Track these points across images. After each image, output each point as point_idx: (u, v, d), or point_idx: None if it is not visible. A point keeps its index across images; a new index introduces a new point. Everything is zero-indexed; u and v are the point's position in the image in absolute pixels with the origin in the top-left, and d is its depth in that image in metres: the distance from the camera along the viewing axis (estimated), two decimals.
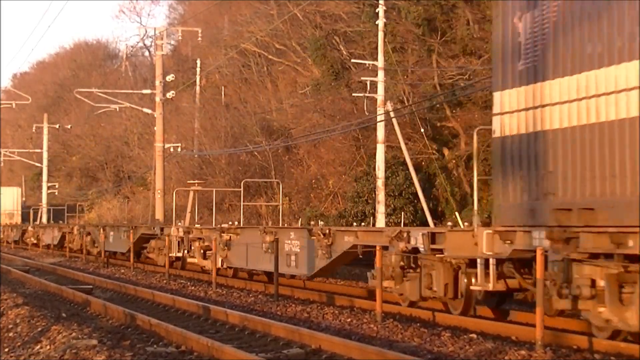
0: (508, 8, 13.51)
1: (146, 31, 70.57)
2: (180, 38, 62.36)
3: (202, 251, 25.32)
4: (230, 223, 25.94)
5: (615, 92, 11.31)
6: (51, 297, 19.87)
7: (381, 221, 31.74)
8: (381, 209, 32.14)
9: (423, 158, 36.18)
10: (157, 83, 41.14)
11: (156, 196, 40.43)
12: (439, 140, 37.03)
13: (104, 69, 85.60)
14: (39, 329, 13.72)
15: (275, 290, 19.19)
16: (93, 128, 73.80)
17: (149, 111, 42.62)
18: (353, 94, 36.63)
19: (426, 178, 35.71)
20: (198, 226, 27.08)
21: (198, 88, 58.07)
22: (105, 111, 51.01)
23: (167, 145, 42.68)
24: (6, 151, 68.62)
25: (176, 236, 26.94)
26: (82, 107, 69.58)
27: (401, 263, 15.61)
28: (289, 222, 37.88)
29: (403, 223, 32.59)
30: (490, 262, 13.71)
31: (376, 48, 33.67)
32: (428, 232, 15.06)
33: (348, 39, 42.45)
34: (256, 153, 46.35)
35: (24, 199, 73.19)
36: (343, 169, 39.57)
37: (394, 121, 32.73)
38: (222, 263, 24.07)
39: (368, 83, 32.68)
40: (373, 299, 15.68)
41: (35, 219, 61.82)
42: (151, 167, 46.14)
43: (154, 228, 29.89)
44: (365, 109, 32.60)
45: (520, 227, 12.98)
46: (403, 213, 33.74)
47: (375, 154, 33.17)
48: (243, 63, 54.25)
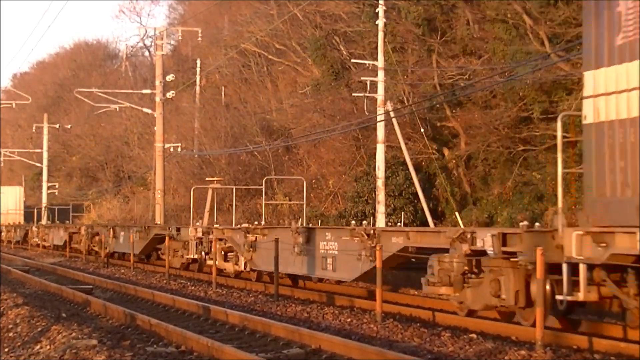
0: None
1: (146, 31, 70.61)
2: (180, 38, 62.41)
3: (223, 253, 24.05)
4: (256, 223, 24.35)
5: None
6: (51, 297, 19.85)
7: (381, 221, 31.75)
8: (381, 209, 32.15)
9: (423, 158, 36.19)
10: (157, 83, 41.16)
11: (156, 196, 40.42)
12: (439, 140, 37.03)
13: (104, 69, 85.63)
14: (39, 329, 13.72)
15: (275, 290, 19.17)
16: (93, 128, 73.81)
17: (149, 111, 42.64)
18: (353, 94, 36.62)
19: (426, 178, 35.71)
20: (217, 226, 25.61)
21: (198, 88, 58.09)
22: (105, 111, 51.04)
23: (167, 145, 42.68)
24: (6, 151, 68.59)
25: (194, 237, 25.55)
26: (82, 107, 69.61)
27: (465, 268, 14.26)
28: (289, 222, 37.81)
29: (403, 223, 32.58)
30: (580, 268, 12.09)
31: (376, 48, 33.66)
32: (499, 234, 13.67)
33: (348, 39, 42.45)
34: (256, 153, 46.35)
35: (24, 199, 72.90)
36: (343, 169, 39.57)
37: (394, 121, 32.72)
38: (245, 265, 22.82)
39: (368, 83, 32.67)
40: (373, 299, 15.67)
41: (39, 219, 60.61)
42: (151, 167, 46.15)
43: (169, 228, 28.44)
44: (365, 109, 32.59)
45: (621, 228, 11.33)
46: (403, 213, 33.75)
47: (375, 154, 33.16)
48: (243, 63, 54.26)
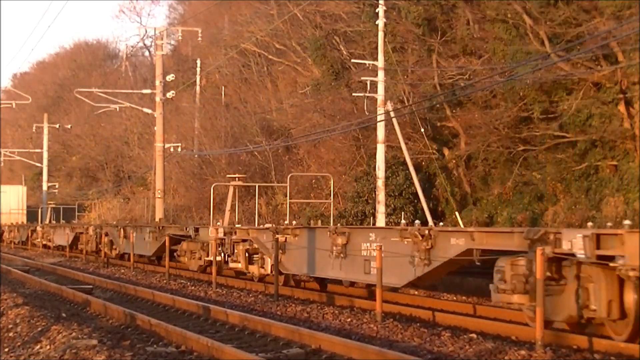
0: None
1: (146, 31, 70.85)
2: (180, 38, 62.46)
3: (247, 255, 22.58)
4: (287, 222, 22.73)
5: None
6: (51, 297, 19.85)
7: (381, 221, 31.74)
8: (381, 209, 32.15)
9: (423, 158, 36.18)
10: (157, 83, 41.15)
11: (156, 196, 40.41)
12: (439, 140, 37.02)
13: (104, 69, 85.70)
14: (39, 329, 13.71)
15: (275, 290, 19.17)
16: (93, 128, 73.83)
17: (149, 111, 42.63)
18: (353, 94, 36.60)
19: (426, 178, 35.71)
20: (239, 226, 24.32)
21: (198, 88, 58.11)
22: (105, 111, 51.02)
23: (167, 145, 42.69)
24: (6, 151, 68.60)
25: (215, 237, 24.08)
26: (82, 107, 69.64)
27: (547, 274, 12.44)
28: (289, 223, 37.79)
29: (402, 222, 32.53)
30: None
31: (376, 48, 33.65)
32: (593, 234, 11.82)
33: (348, 39, 42.44)
34: (256, 153, 46.34)
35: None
36: (343, 169, 39.56)
37: (394, 121, 32.71)
38: (272, 268, 21.24)
39: (368, 83, 32.65)
40: (373, 299, 15.67)
41: (43, 219, 59.72)
42: (151, 167, 46.13)
43: (187, 229, 26.97)
44: (365, 109, 32.57)
45: None
46: (403, 213, 33.74)
47: (375, 154, 33.15)
48: (243, 63, 54.27)
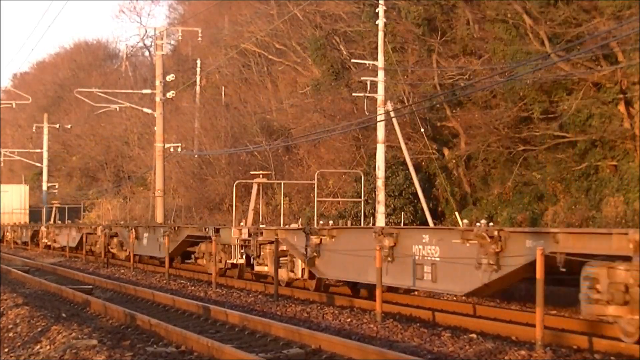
0: None
1: (146, 31, 70.89)
2: (180, 38, 62.49)
3: (275, 258, 21.15)
4: (322, 222, 21.06)
5: None
6: (51, 297, 19.85)
7: (381, 221, 31.74)
8: (381, 209, 32.15)
9: (423, 158, 36.18)
10: (157, 83, 41.17)
11: (156, 196, 40.41)
12: (439, 140, 37.03)
13: (104, 69, 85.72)
14: (39, 329, 13.71)
15: (275, 290, 19.16)
16: (93, 128, 73.86)
17: (149, 111, 42.65)
18: (353, 94, 36.60)
19: (426, 178, 35.71)
20: (264, 226, 22.97)
21: (198, 88, 58.12)
22: (105, 111, 51.06)
23: (167, 145, 42.69)
24: (6, 151, 68.59)
25: (238, 238, 22.67)
26: (82, 107, 69.65)
27: None
28: (289, 222, 37.84)
29: (403, 223, 32.57)
30: None
31: (376, 48, 33.64)
32: None
33: (348, 39, 42.44)
34: (256, 153, 46.35)
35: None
36: (343, 169, 39.57)
37: (394, 121, 32.70)
38: (303, 272, 20.11)
39: (368, 83, 32.65)
40: (373, 299, 15.66)
41: (48, 219, 58.22)
42: (151, 167, 46.13)
43: (206, 229, 25.26)
44: (365, 109, 32.56)
45: None
46: (403, 213, 33.75)
47: (375, 154, 33.15)
48: (243, 63, 54.29)
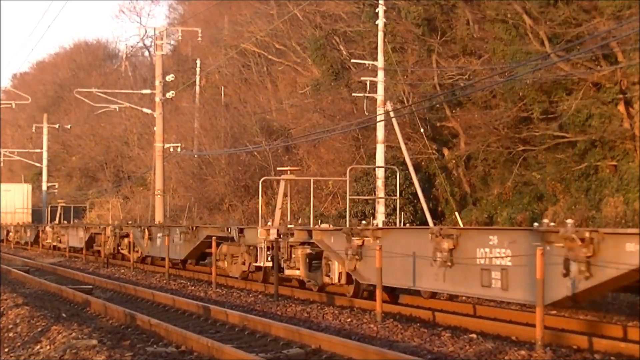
0: None
1: (146, 31, 70.83)
2: (180, 38, 62.51)
3: (308, 260, 19.88)
4: (365, 222, 19.48)
5: None
6: (51, 297, 19.85)
7: (381, 221, 31.74)
8: (381, 209, 32.14)
9: (423, 158, 36.18)
10: (157, 83, 41.17)
11: (156, 196, 40.40)
12: (439, 140, 37.03)
13: (104, 69, 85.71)
14: (39, 329, 13.71)
15: (275, 290, 19.16)
16: (93, 128, 73.86)
17: (149, 111, 42.65)
18: (353, 94, 36.60)
19: (426, 178, 35.71)
20: (292, 226, 21.46)
21: (198, 88, 58.12)
22: (105, 111, 51.06)
23: (167, 145, 42.70)
24: (6, 151, 68.57)
25: (265, 240, 21.34)
26: (82, 107, 69.64)
27: None
28: (290, 222, 37.77)
29: (403, 223, 32.55)
30: None
31: (376, 48, 33.65)
32: None
33: (348, 39, 42.44)
34: (256, 153, 46.35)
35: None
36: (343, 169, 39.55)
37: (394, 121, 32.70)
38: (340, 277, 18.44)
39: (368, 83, 32.65)
40: (373, 299, 15.66)
41: (53, 218, 56.61)
42: (151, 167, 46.12)
43: (229, 229, 23.90)
44: (365, 109, 32.57)
45: None
46: (403, 213, 33.75)
47: (375, 154, 33.15)
48: (243, 63, 54.29)
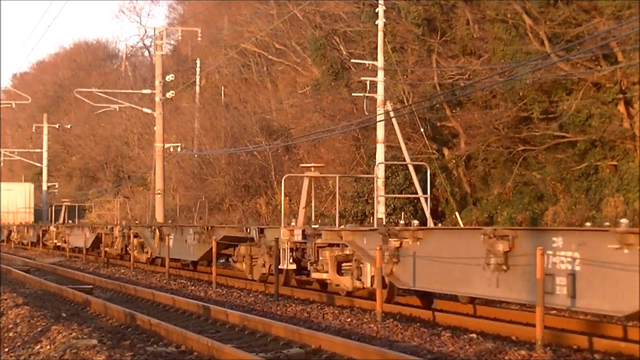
0: None
1: (146, 31, 70.87)
2: (180, 38, 62.58)
3: (337, 263, 18.27)
4: (403, 222, 18.09)
5: None
6: (51, 297, 19.84)
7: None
8: (381, 209, 32.15)
9: (423, 158, 36.19)
10: (157, 83, 41.17)
11: (156, 196, 40.40)
12: (439, 140, 37.03)
13: (104, 69, 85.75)
14: (39, 329, 13.71)
15: (275, 290, 19.15)
16: (93, 128, 73.87)
17: (149, 111, 42.65)
18: (353, 94, 36.61)
19: (426, 178, 35.69)
20: (317, 226, 20.25)
21: (198, 88, 58.13)
22: (105, 111, 51.06)
23: (167, 145, 42.70)
24: (6, 151, 68.57)
25: (288, 241, 20.08)
26: (82, 107, 69.67)
27: None
28: (288, 222, 37.76)
29: (403, 223, 32.53)
30: None
31: (376, 48, 33.66)
32: None
33: (348, 39, 42.46)
34: (256, 153, 46.36)
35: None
36: (343, 169, 39.56)
37: (394, 121, 32.71)
38: (373, 281, 16.89)
39: (368, 83, 32.66)
40: (373, 299, 15.66)
41: (57, 218, 55.96)
42: (151, 167, 46.11)
43: (248, 229, 22.53)
44: (365, 109, 32.58)
45: None
46: (403, 213, 33.75)
47: (375, 154, 33.16)
48: (243, 63, 54.30)
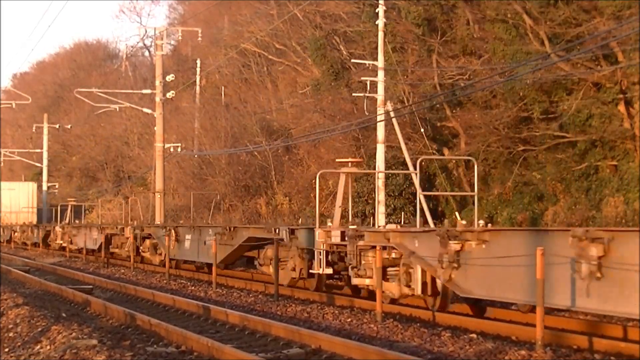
0: None
1: (146, 31, 70.89)
2: (180, 38, 62.54)
3: (382, 268, 15.94)
4: (463, 223, 15.34)
5: None
6: (51, 297, 19.85)
7: (381, 221, 31.74)
8: (381, 209, 32.14)
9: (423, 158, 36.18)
10: (157, 83, 41.17)
11: (156, 196, 40.40)
12: (439, 140, 37.02)
13: (104, 69, 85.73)
14: (39, 329, 13.70)
15: (275, 290, 19.15)
16: (93, 128, 73.87)
17: (149, 111, 42.64)
18: (353, 94, 36.61)
19: (426, 178, 35.71)
20: (355, 227, 18.46)
21: (198, 88, 58.12)
22: (105, 111, 51.04)
23: (167, 145, 42.69)
24: (6, 151, 68.54)
25: (324, 243, 18.47)
26: (82, 107, 69.66)
27: None
28: (288, 223, 37.81)
29: (403, 223, 32.57)
30: None
31: (376, 48, 33.65)
32: None
33: (348, 39, 42.47)
34: (256, 153, 46.36)
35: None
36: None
37: (394, 121, 32.70)
38: (424, 287, 15.25)
39: (368, 83, 32.65)
40: (373, 299, 15.66)
41: (62, 218, 53.72)
42: (151, 167, 46.10)
43: (277, 230, 21.00)
44: (365, 109, 32.57)
45: None
46: (403, 213, 33.75)
47: (375, 154, 33.16)
48: (243, 63, 54.30)
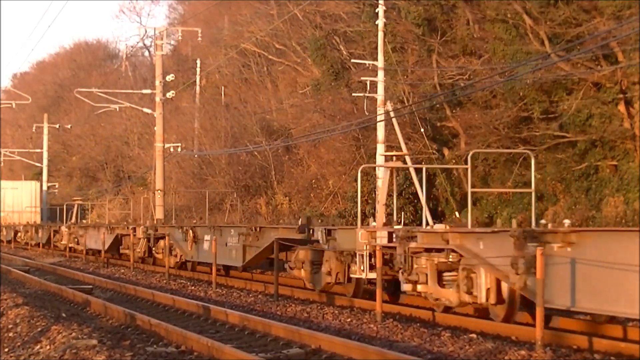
0: None
1: (146, 31, 70.80)
2: (180, 38, 62.54)
3: (437, 272, 15.04)
4: (544, 222, 14.14)
5: None
6: (51, 297, 19.86)
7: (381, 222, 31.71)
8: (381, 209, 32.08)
9: (423, 158, 36.18)
10: (157, 83, 41.16)
11: (156, 196, 40.39)
12: (439, 140, 37.02)
13: (104, 69, 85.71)
14: (39, 329, 13.71)
15: (275, 290, 19.16)
16: (93, 128, 73.86)
17: (149, 111, 42.64)
18: (353, 94, 36.61)
19: (426, 178, 35.67)
20: (400, 227, 17.36)
21: (198, 88, 58.11)
22: (105, 111, 51.03)
23: (167, 145, 42.68)
24: (6, 151, 68.51)
25: (367, 244, 17.05)
26: (82, 107, 69.63)
27: None
28: (289, 223, 37.82)
29: (403, 223, 32.53)
30: None
31: (376, 48, 33.64)
32: None
33: (348, 39, 42.46)
34: (256, 153, 46.36)
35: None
36: (343, 169, 39.57)
37: (394, 121, 32.69)
38: (488, 294, 13.98)
39: (368, 83, 32.65)
40: (373, 299, 15.66)
41: (69, 218, 53.09)
42: (151, 167, 46.09)
43: (311, 231, 19.89)
44: (365, 109, 32.56)
45: None
46: (403, 213, 33.74)
47: (375, 154, 33.15)
48: (243, 63, 54.30)
